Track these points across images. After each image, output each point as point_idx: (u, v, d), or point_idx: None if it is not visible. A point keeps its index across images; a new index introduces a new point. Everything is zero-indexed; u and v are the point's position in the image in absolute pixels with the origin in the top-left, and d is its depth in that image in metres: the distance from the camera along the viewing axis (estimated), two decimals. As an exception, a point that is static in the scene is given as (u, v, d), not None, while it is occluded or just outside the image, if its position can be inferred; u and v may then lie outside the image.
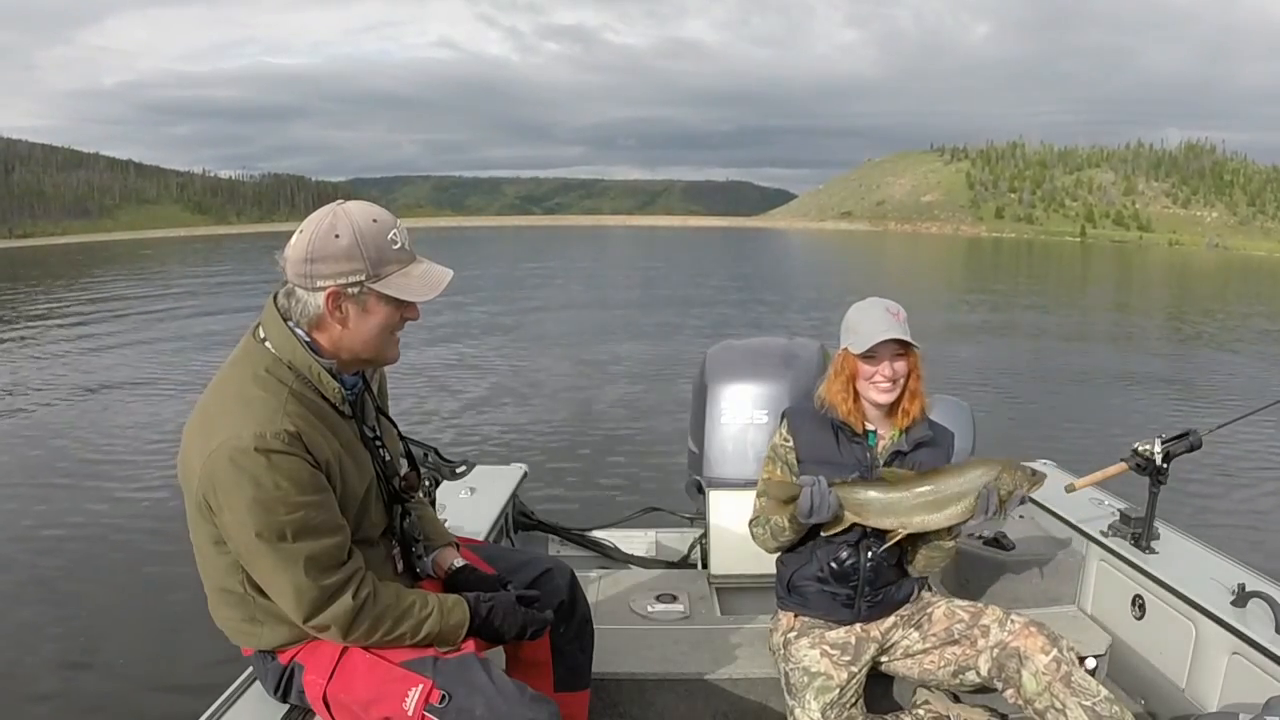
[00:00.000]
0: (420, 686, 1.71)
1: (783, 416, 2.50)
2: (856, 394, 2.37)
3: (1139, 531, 2.81)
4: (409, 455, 2.04)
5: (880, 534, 2.29)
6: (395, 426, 2.01)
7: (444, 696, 1.70)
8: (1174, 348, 16.82)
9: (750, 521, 2.46)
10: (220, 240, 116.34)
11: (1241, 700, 2.23)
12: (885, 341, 2.26)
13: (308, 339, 1.69)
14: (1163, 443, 2.69)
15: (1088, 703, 2.13)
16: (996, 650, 2.29)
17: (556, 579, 2.15)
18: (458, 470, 2.61)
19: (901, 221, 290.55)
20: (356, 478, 1.75)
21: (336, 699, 1.76)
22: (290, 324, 1.68)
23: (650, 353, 14.54)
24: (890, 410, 2.38)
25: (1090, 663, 2.76)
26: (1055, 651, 2.22)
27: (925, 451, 2.39)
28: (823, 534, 2.32)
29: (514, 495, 3.65)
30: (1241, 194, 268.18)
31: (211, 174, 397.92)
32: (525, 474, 3.86)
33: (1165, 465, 2.69)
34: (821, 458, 2.38)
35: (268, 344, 1.69)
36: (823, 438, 2.39)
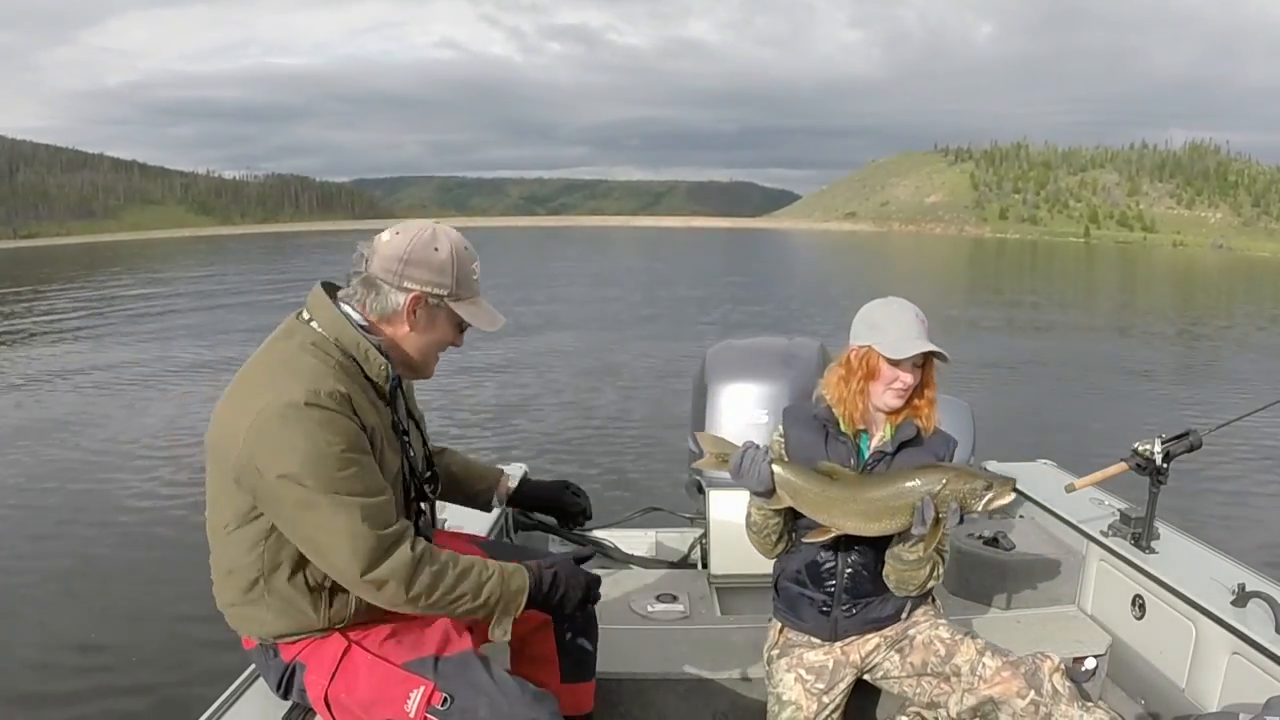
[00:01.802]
0: (422, 689, 1.71)
1: (784, 415, 2.44)
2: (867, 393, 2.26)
3: (1139, 531, 2.80)
4: (429, 459, 2.05)
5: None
6: (420, 428, 2.03)
7: (446, 699, 1.70)
8: (1175, 347, 16.77)
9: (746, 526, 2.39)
10: (225, 240, 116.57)
11: (1241, 700, 2.23)
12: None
13: (364, 324, 1.73)
14: (1163, 443, 2.68)
15: None
16: (969, 696, 2.16)
17: None
18: (457, 470, 2.60)
19: (906, 222, 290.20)
20: (389, 459, 1.76)
21: (338, 700, 1.75)
22: (341, 305, 1.73)
23: (651, 353, 14.54)
24: (895, 412, 2.27)
25: (1090, 663, 2.77)
26: (1033, 694, 2.07)
27: (913, 453, 2.25)
28: (755, 507, 2.25)
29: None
30: (1246, 195, 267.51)
31: (215, 174, 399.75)
32: (525, 474, 3.85)
33: (1165, 465, 2.68)
34: (806, 456, 2.25)
35: (313, 324, 1.73)
36: (810, 436, 2.29)
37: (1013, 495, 2.02)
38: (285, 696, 1.86)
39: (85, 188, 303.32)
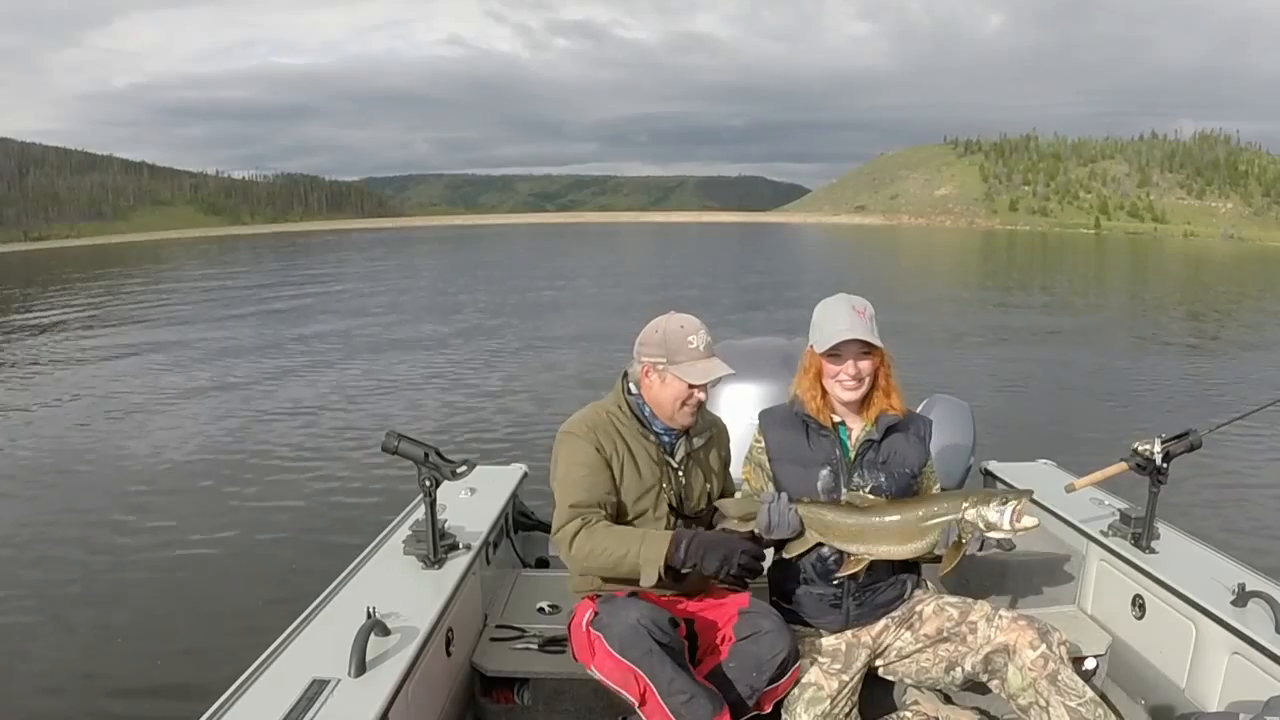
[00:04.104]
0: (590, 610, 2.32)
1: (760, 418, 2.54)
2: (824, 390, 2.38)
3: (1139, 531, 2.80)
4: (708, 497, 2.57)
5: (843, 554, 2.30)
6: (703, 468, 2.57)
7: (596, 613, 2.28)
8: (1179, 345, 16.46)
9: None
10: (235, 240, 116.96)
11: (1242, 700, 2.24)
12: (848, 340, 2.27)
13: (636, 391, 2.50)
14: (1163, 442, 2.67)
15: (1072, 703, 2.12)
16: (985, 646, 2.27)
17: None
18: (458, 470, 2.61)
19: (915, 215, 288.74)
20: (643, 476, 2.43)
21: (574, 624, 2.44)
22: (629, 381, 2.52)
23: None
24: (860, 406, 2.38)
25: (1090, 663, 2.77)
26: (1044, 647, 2.20)
27: (898, 437, 2.39)
28: (785, 554, 2.34)
29: (514, 495, 3.67)
30: (1256, 184, 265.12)
31: (225, 175, 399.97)
32: (525, 474, 3.87)
33: (1165, 465, 2.68)
34: (791, 455, 2.40)
35: (617, 388, 2.54)
36: (792, 435, 2.41)
37: (1036, 520, 2.19)
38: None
39: (95, 189, 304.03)
